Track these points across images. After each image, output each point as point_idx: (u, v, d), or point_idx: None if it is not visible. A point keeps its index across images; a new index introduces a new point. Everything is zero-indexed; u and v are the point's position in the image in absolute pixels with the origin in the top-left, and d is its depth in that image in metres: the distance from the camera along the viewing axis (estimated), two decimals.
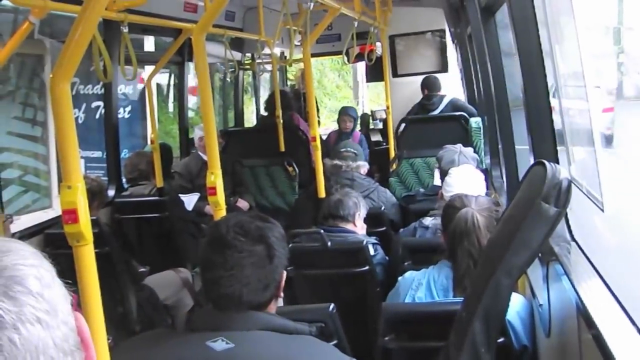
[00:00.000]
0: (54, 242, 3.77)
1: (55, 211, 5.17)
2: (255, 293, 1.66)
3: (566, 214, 2.13)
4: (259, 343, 1.59)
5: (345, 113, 7.64)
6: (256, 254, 1.66)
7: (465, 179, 3.50)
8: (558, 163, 2.22)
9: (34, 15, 2.91)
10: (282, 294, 1.78)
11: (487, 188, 3.80)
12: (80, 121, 8.16)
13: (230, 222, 1.71)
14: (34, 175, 6.82)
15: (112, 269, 3.78)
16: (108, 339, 1.87)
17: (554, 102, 2.52)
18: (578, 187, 2.18)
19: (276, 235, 1.71)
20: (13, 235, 3.63)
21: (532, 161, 2.45)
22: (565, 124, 2.46)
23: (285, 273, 1.76)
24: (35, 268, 0.73)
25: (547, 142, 2.52)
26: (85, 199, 1.78)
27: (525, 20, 2.58)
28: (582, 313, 1.71)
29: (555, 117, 2.52)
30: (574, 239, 2.25)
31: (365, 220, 3.73)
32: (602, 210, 2.00)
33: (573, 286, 1.86)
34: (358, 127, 8.14)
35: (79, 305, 1.77)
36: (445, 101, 6.69)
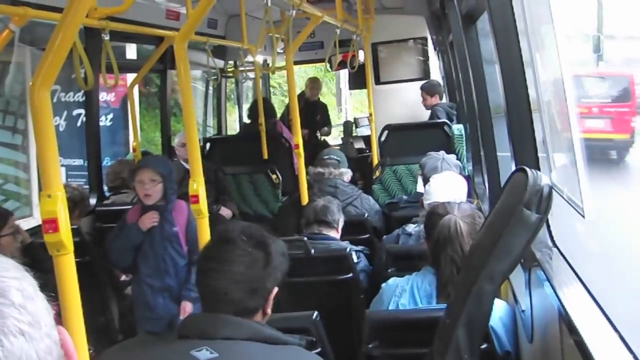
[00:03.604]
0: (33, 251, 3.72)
1: (35, 220, 5.11)
2: (242, 293, 1.67)
3: (547, 220, 2.15)
4: (244, 353, 1.59)
5: (144, 166, 3.72)
6: (252, 255, 1.70)
7: (445, 186, 3.51)
8: (539, 170, 2.24)
9: (14, 23, 2.88)
10: (269, 312, 1.77)
11: (470, 195, 3.82)
12: (61, 129, 8.11)
13: (240, 225, 1.79)
14: (14, 183, 6.75)
15: (94, 278, 3.75)
16: (89, 350, 1.85)
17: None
18: (559, 194, 2.20)
19: (278, 248, 1.76)
20: None
21: (513, 168, 2.47)
22: (546, 131, 2.49)
23: (276, 289, 1.76)
24: (17, 280, 0.72)
25: (528, 149, 2.54)
26: (66, 207, 1.76)
27: (505, 29, 2.60)
28: (564, 319, 1.72)
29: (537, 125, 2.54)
30: (555, 245, 2.26)
31: (348, 228, 3.74)
32: (583, 217, 2.01)
33: (555, 292, 1.87)
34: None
35: (59, 314, 1.76)
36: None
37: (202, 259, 1.76)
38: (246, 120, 7.84)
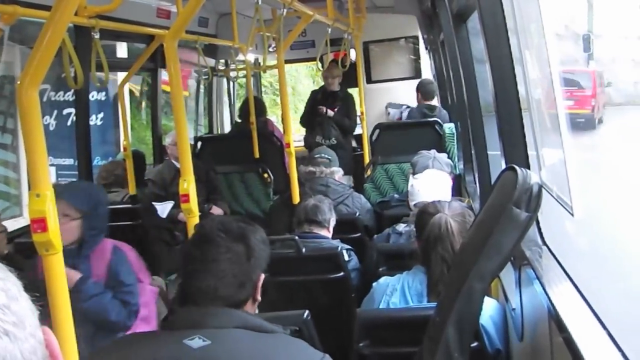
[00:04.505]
0: (24, 251, 3.70)
1: (25, 220, 5.09)
2: (230, 289, 1.69)
3: (537, 218, 2.16)
4: (235, 340, 1.61)
5: (57, 196, 1.88)
6: (234, 250, 1.71)
7: (428, 186, 3.52)
8: (529, 168, 2.25)
9: (3, 21, 2.86)
10: (259, 298, 1.79)
11: (456, 192, 3.83)
12: (51, 128, 8.07)
13: (215, 220, 1.79)
14: (3, 183, 6.72)
15: None
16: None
17: None
18: (548, 192, 2.20)
19: (258, 237, 1.77)
20: None
21: (503, 166, 2.48)
22: (535, 129, 2.49)
23: (263, 276, 1.78)
24: (1, 281, 0.72)
25: (518, 147, 2.55)
26: (55, 207, 1.75)
27: (495, 28, 2.61)
28: (554, 317, 1.72)
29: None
30: (545, 244, 2.27)
31: (340, 226, 3.74)
32: (572, 215, 2.02)
33: (545, 290, 1.88)
34: None
35: (48, 315, 1.75)
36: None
37: (184, 260, 1.76)
38: (235, 119, 7.80)
